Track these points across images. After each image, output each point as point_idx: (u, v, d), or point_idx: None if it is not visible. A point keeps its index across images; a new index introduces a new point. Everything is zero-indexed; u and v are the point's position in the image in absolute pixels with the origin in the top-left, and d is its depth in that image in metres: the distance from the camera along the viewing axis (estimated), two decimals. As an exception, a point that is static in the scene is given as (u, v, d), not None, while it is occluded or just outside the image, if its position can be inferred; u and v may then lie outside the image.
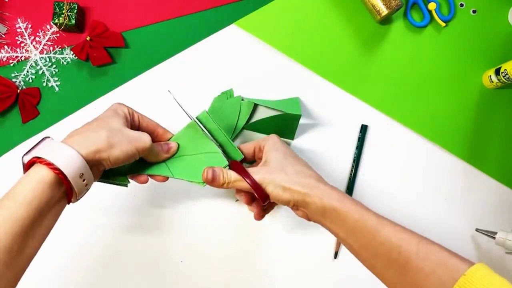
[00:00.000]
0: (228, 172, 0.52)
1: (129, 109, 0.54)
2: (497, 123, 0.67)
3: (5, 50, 0.67)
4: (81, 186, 0.45)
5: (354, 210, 0.48)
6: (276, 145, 0.54)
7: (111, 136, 0.47)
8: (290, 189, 0.49)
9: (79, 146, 0.45)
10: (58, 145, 0.45)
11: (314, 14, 0.68)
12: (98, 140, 0.46)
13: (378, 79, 0.68)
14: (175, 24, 0.68)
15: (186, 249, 0.66)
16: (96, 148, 0.46)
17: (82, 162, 0.44)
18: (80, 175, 0.44)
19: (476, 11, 0.69)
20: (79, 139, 0.46)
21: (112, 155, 0.47)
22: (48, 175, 0.43)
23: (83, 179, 0.45)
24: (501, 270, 0.65)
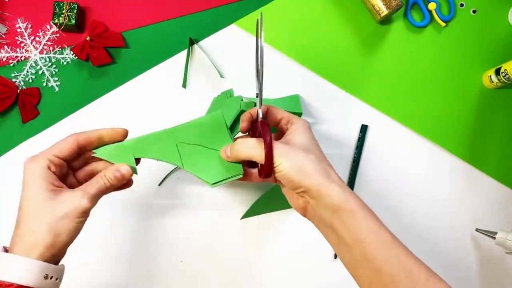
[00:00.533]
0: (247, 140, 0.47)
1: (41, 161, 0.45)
2: (497, 123, 0.67)
3: (5, 50, 0.67)
4: (50, 284, 0.43)
5: (371, 220, 0.44)
6: (305, 129, 0.49)
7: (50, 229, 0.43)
8: (308, 173, 0.45)
9: (29, 252, 0.42)
10: (10, 258, 0.42)
11: (314, 14, 0.68)
12: (42, 240, 0.43)
13: (378, 79, 0.68)
14: (175, 24, 0.68)
15: (186, 249, 0.66)
16: (45, 248, 0.43)
17: (40, 265, 0.42)
18: (45, 276, 0.42)
19: (476, 11, 0.69)
20: (25, 246, 0.43)
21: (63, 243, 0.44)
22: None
23: (50, 277, 0.43)
24: (501, 270, 0.65)
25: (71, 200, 0.44)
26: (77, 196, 0.45)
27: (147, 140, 0.51)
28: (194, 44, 0.68)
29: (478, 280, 0.65)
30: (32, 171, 0.45)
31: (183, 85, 0.68)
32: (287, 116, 0.51)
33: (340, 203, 0.44)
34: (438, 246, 0.66)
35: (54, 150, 0.46)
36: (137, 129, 0.67)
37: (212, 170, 0.51)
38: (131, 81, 0.68)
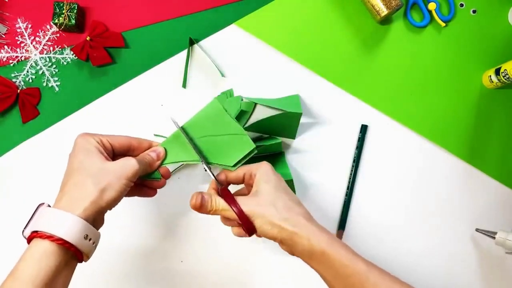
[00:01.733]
0: (217, 199, 0.50)
1: (95, 137, 0.49)
2: (497, 123, 0.67)
3: (5, 50, 0.67)
4: (88, 246, 0.44)
5: (343, 255, 0.47)
6: (268, 175, 0.51)
7: (98, 182, 0.45)
8: (278, 226, 0.48)
9: (73, 207, 0.43)
10: (54, 213, 0.43)
11: (314, 14, 0.68)
12: (88, 193, 0.44)
13: (378, 79, 0.68)
14: (175, 24, 0.68)
15: (186, 249, 0.66)
16: (90, 203, 0.44)
17: (83, 223, 0.43)
18: (85, 236, 0.43)
19: (476, 11, 0.69)
20: (71, 200, 0.44)
21: (108, 200, 0.45)
22: (51, 247, 0.42)
23: (89, 239, 0.44)
24: (501, 270, 0.65)
25: (122, 162, 0.47)
26: (127, 160, 0.48)
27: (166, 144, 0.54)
28: (194, 44, 0.68)
29: (478, 280, 0.65)
30: (86, 141, 0.48)
31: (183, 85, 0.68)
32: (247, 170, 0.53)
33: (312, 247, 0.47)
34: (438, 246, 0.66)
35: (108, 136, 0.50)
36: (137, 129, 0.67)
37: (227, 154, 0.53)
38: (131, 81, 0.68)
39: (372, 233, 0.66)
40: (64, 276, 0.43)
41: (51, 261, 0.42)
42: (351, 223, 0.66)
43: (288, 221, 0.48)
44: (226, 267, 0.66)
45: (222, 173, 0.54)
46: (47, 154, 0.67)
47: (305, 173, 0.67)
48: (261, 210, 0.48)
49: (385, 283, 0.46)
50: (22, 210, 0.66)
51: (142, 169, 0.50)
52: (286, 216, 0.48)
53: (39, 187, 0.66)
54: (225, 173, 0.54)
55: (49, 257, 0.42)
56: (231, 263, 0.66)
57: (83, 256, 0.44)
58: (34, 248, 0.42)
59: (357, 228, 0.66)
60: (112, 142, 0.50)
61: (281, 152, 0.66)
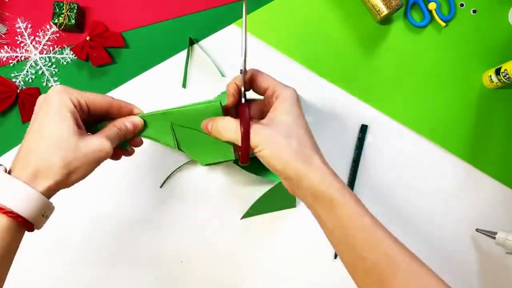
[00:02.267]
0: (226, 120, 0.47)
1: (72, 97, 0.44)
2: (497, 123, 0.67)
3: (5, 50, 0.67)
4: (43, 222, 0.42)
5: (351, 207, 0.44)
6: (291, 105, 0.47)
7: (67, 162, 0.41)
8: (287, 161, 0.44)
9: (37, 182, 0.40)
10: (12, 182, 0.39)
11: (314, 14, 0.68)
12: (55, 172, 0.41)
13: (378, 79, 0.68)
14: (175, 24, 0.68)
15: (186, 249, 0.66)
16: (54, 182, 0.41)
17: (44, 202, 0.40)
18: (43, 214, 0.41)
19: (476, 11, 0.69)
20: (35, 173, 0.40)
21: (73, 182, 0.43)
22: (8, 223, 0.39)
23: (46, 216, 0.41)
24: (501, 270, 0.65)
25: (96, 142, 0.43)
26: (101, 139, 0.44)
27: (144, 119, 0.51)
28: (194, 44, 0.68)
29: (478, 280, 0.65)
30: (62, 103, 0.43)
31: (183, 85, 0.68)
32: (273, 86, 0.48)
33: (320, 191, 0.44)
34: (438, 246, 0.66)
35: (89, 95, 0.45)
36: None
37: (205, 153, 0.51)
38: (131, 81, 0.68)
39: (372, 233, 0.66)
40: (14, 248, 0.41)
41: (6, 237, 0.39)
42: (351, 223, 0.66)
43: (300, 158, 0.44)
44: (226, 267, 0.66)
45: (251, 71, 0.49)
46: (47, 154, 0.67)
47: (305, 173, 0.67)
48: (274, 140, 0.44)
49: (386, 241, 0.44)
50: (22, 210, 0.66)
51: (115, 143, 0.47)
52: (298, 152, 0.44)
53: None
54: (253, 72, 0.49)
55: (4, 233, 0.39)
56: (231, 263, 0.66)
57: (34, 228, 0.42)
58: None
59: (357, 228, 0.66)
60: (90, 103, 0.45)
61: None
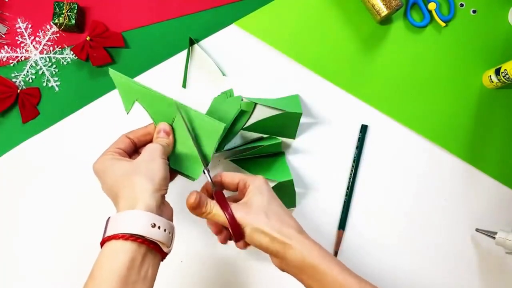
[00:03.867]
0: (212, 202, 0.50)
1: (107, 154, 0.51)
2: (497, 123, 0.67)
3: (5, 50, 0.67)
4: (160, 234, 0.44)
5: (335, 270, 0.47)
6: (261, 188, 0.51)
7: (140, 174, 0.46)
8: (270, 236, 0.47)
9: (132, 205, 0.45)
10: (118, 215, 0.45)
11: (314, 14, 0.68)
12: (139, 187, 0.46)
13: (378, 79, 0.68)
14: (175, 24, 0.68)
15: (186, 249, 0.66)
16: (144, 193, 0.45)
17: (145, 214, 0.44)
18: (152, 225, 0.44)
19: (476, 11, 0.69)
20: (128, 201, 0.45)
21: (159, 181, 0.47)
22: (120, 244, 0.43)
23: (158, 227, 0.44)
24: (501, 270, 0.65)
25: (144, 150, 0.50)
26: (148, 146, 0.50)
27: (152, 95, 0.54)
28: (194, 44, 0.68)
29: (478, 280, 0.65)
30: (102, 163, 0.49)
31: (183, 85, 0.68)
32: (243, 179, 0.52)
33: (304, 260, 0.47)
34: (438, 246, 0.66)
35: (114, 145, 0.52)
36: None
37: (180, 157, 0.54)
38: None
39: (372, 233, 0.66)
40: (144, 270, 0.44)
41: (123, 257, 0.42)
42: (351, 223, 0.66)
43: (281, 233, 0.47)
44: (226, 267, 0.66)
45: (218, 175, 0.54)
46: (47, 154, 0.67)
47: (305, 173, 0.67)
48: (253, 218, 0.48)
49: None
50: (22, 210, 0.66)
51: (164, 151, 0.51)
52: (278, 227, 0.48)
53: (39, 187, 0.66)
54: (220, 175, 0.54)
55: (119, 253, 0.42)
56: (231, 263, 0.66)
57: (161, 246, 0.45)
58: (105, 249, 0.43)
59: (357, 228, 0.66)
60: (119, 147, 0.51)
61: (281, 152, 0.66)
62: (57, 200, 0.66)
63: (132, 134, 0.54)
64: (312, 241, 0.49)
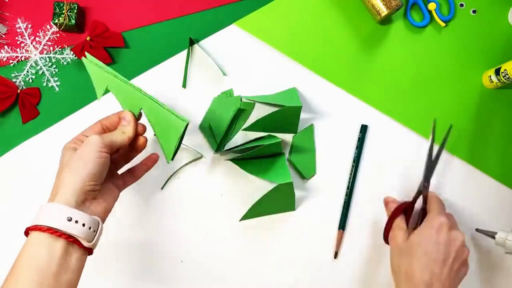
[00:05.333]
0: None
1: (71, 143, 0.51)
2: (497, 123, 0.67)
3: (5, 50, 0.67)
4: (79, 230, 0.44)
5: None
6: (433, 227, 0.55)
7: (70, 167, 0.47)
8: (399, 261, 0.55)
9: (55, 197, 0.45)
10: (39, 207, 0.46)
11: (314, 14, 0.68)
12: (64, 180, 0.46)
13: (378, 79, 0.68)
14: (175, 24, 0.68)
15: (186, 249, 0.66)
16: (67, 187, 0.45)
17: (63, 208, 0.44)
18: (68, 219, 0.44)
19: (476, 11, 0.69)
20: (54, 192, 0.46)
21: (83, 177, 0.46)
22: (38, 236, 0.44)
23: (75, 221, 0.44)
24: (501, 270, 0.65)
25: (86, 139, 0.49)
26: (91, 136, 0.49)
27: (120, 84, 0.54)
28: (194, 44, 0.68)
29: (478, 280, 0.65)
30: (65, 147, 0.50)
31: (183, 85, 0.68)
32: (430, 210, 0.59)
33: None
34: (438, 246, 0.66)
35: (83, 132, 0.52)
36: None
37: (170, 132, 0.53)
38: (131, 81, 0.67)
39: (372, 233, 0.66)
40: (63, 263, 0.44)
41: (41, 249, 0.43)
42: (351, 223, 0.66)
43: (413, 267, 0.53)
44: (226, 267, 0.66)
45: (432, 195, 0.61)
46: (47, 154, 0.67)
47: (305, 173, 0.67)
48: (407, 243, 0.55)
49: None
50: (22, 210, 0.66)
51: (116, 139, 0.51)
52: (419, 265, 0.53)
53: (39, 187, 0.66)
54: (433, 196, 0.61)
55: (37, 246, 0.43)
56: (231, 263, 0.66)
57: (81, 241, 0.45)
58: (28, 240, 0.45)
59: (357, 228, 0.66)
60: (87, 134, 0.51)
61: (281, 153, 0.66)
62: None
63: (106, 120, 0.54)
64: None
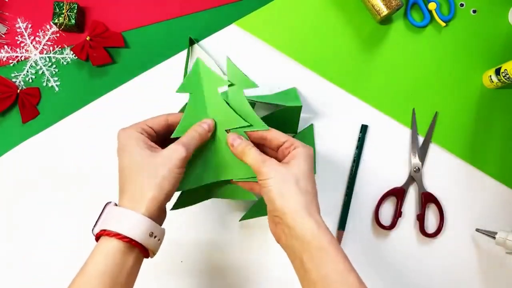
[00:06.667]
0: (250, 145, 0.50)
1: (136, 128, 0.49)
2: (497, 123, 0.67)
3: (5, 50, 0.67)
4: (153, 243, 0.46)
5: (340, 260, 0.44)
6: (306, 157, 0.48)
7: (153, 177, 0.46)
8: (288, 199, 0.46)
9: (136, 206, 0.45)
10: (121, 212, 0.45)
11: (314, 14, 0.68)
12: (147, 191, 0.45)
13: (378, 79, 0.68)
14: (175, 24, 0.68)
15: (186, 249, 0.66)
16: (150, 200, 0.45)
17: (147, 221, 0.45)
18: (150, 234, 0.45)
19: (476, 11, 0.69)
20: (133, 199, 0.45)
21: (166, 194, 0.46)
22: (118, 245, 0.43)
23: (154, 236, 0.45)
24: (501, 270, 0.65)
25: (169, 152, 0.47)
26: (174, 148, 0.47)
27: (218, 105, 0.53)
28: (194, 44, 0.68)
29: (478, 280, 0.65)
30: (128, 136, 0.48)
31: (183, 85, 0.68)
32: (291, 141, 0.50)
33: (312, 238, 0.44)
34: (438, 246, 0.66)
35: (147, 121, 0.50)
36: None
37: None
38: (131, 81, 0.68)
39: (371, 233, 0.66)
40: (131, 272, 0.45)
41: (118, 258, 0.43)
42: (351, 223, 0.66)
43: (301, 202, 0.45)
44: (226, 267, 0.66)
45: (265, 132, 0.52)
46: (47, 154, 0.67)
47: (305, 173, 0.67)
48: (284, 178, 0.46)
49: None
50: (22, 210, 0.66)
51: (193, 146, 0.49)
52: (301, 197, 0.46)
53: (39, 187, 0.66)
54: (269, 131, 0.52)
55: (116, 254, 0.43)
56: (231, 263, 0.66)
57: (149, 252, 0.46)
58: (103, 245, 0.44)
59: (357, 228, 0.66)
60: (152, 126, 0.50)
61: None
62: (57, 200, 0.66)
63: (172, 117, 0.52)
64: (326, 226, 0.46)
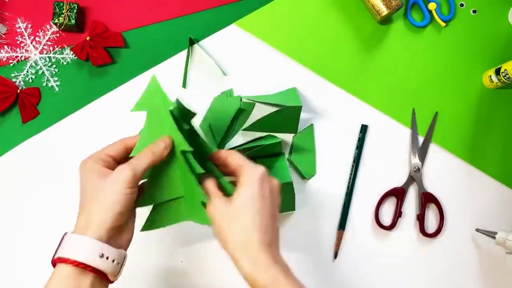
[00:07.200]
0: None
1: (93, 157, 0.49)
2: (497, 123, 0.67)
3: (5, 50, 0.67)
4: (108, 265, 0.45)
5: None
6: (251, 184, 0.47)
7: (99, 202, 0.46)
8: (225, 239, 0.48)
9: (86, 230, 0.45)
10: (71, 237, 0.45)
11: (314, 14, 0.68)
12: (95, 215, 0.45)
13: (378, 79, 0.68)
14: (175, 24, 0.68)
15: (186, 249, 0.66)
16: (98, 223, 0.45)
17: (96, 243, 0.44)
18: (100, 255, 0.44)
19: (476, 11, 0.69)
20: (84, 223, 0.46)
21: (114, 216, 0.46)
22: (70, 270, 0.44)
23: (106, 257, 0.45)
24: (501, 270, 0.65)
25: (115, 175, 0.47)
26: (119, 170, 0.47)
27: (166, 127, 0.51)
28: (194, 44, 0.68)
29: (478, 280, 0.65)
30: (83, 167, 0.49)
31: (183, 85, 0.68)
32: (239, 167, 0.49)
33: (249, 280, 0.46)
34: (438, 246, 0.66)
35: (104, 149, 0.50)
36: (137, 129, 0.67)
37: None
38: (131, 81, 0.68)
39: (372, 233, 0.66)
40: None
41: (72, 284, 0.43)
42: (351, 223, 0.66)
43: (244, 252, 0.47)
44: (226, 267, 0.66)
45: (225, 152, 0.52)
46: (47, 154, 0.67)
47: (305, 173, 0.67)
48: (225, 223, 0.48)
49: None
50: (22, 210, 0.66)
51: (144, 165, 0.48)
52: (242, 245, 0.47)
53: (39, 187, 0.66)
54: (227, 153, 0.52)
55: (69, 279, 0.44)
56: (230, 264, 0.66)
57: (108, 276, 0.45)
58: (57, 272, 0.44)
59: (357, 228, 0.66)
60: (109, 153, 0.50)
61: (281, 153, 0.65)
62: (57, 200, 0.66)
63: (129, 140, 0.51)
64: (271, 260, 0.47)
